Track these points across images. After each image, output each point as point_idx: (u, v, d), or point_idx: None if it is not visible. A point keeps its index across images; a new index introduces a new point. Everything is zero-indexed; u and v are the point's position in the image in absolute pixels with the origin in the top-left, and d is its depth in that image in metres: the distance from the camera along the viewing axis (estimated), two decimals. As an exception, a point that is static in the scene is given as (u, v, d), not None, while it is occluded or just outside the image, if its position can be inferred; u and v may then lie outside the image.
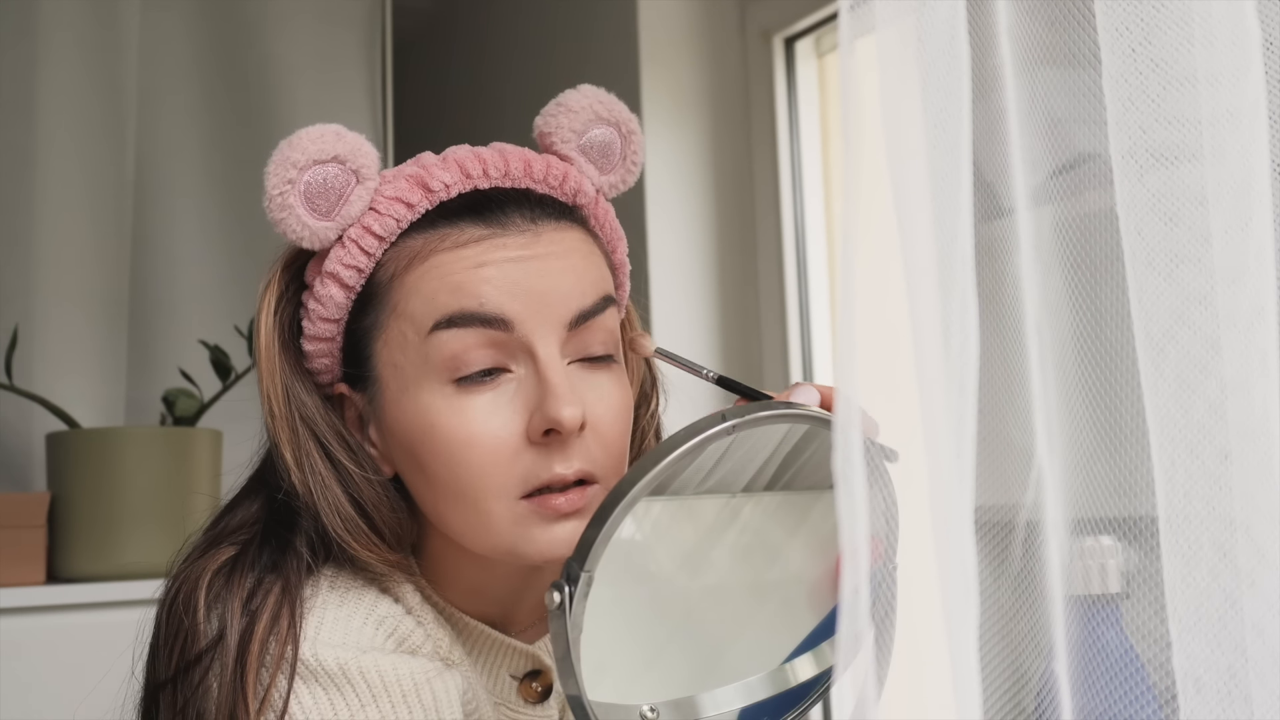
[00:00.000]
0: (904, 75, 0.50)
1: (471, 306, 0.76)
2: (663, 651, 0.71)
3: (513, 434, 0.76)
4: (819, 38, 2.11)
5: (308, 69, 2.32)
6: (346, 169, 0.78)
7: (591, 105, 0.85)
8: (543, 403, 0.75)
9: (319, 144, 0.77)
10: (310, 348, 0.82)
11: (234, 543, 0.83)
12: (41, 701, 1.61)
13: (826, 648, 0.72)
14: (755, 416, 0.66)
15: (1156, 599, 0.51)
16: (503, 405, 0.76)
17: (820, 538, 0.72)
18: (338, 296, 0.80)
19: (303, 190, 0.77)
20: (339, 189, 0.78)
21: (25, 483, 1.97)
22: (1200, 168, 0.51)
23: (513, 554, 0.77)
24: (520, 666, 0.86)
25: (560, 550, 0.75)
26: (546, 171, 0.82)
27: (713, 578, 0.72)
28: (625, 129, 0.87)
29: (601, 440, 0.78)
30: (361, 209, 0.79)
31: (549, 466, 0.76)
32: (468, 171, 0.80)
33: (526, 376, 0.77)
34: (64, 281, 2.04)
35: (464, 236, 0.78)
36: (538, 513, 0.76)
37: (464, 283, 0.76)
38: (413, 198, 0.79)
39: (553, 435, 0.75)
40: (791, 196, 2.10)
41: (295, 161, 0.77)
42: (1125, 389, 0.54)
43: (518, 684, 0.86)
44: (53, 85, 2.06)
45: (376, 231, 0.79)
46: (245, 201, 2.24)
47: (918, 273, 0.48)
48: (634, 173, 0.88)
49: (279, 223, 0.78)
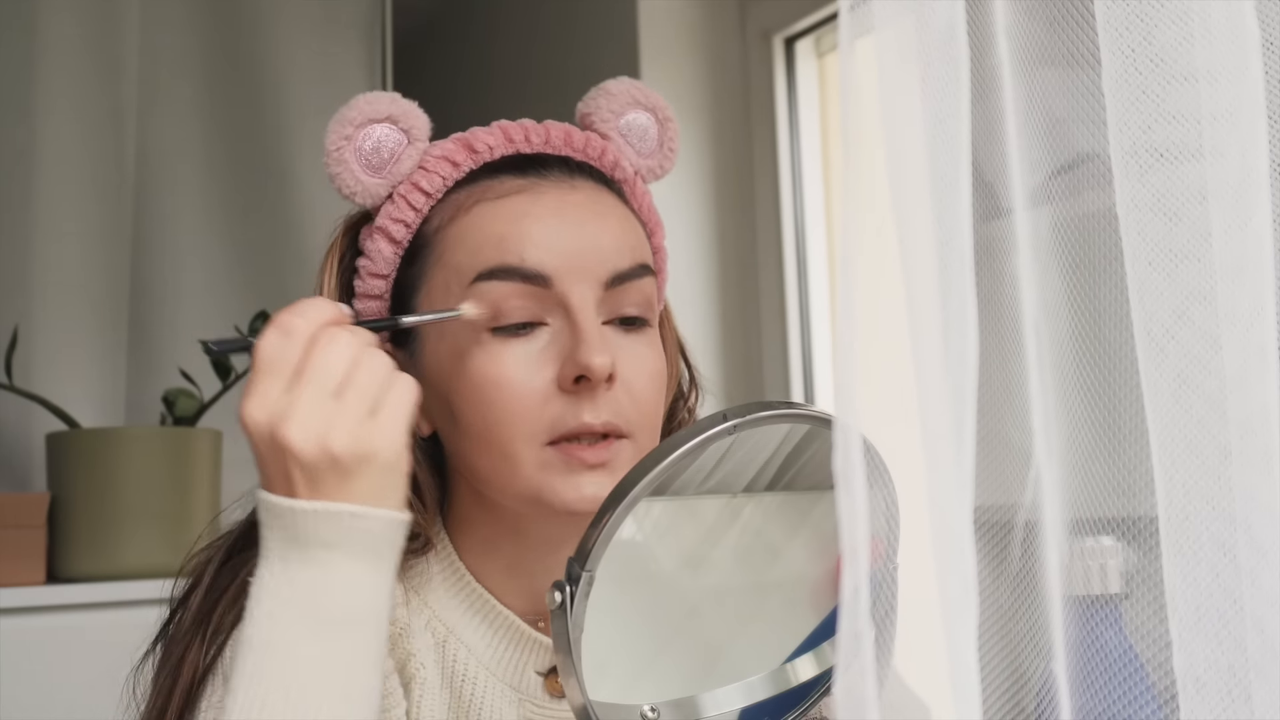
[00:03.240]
0: (904, 75, 0.50)
1: (513, 261, 0.79)
2: (663, 651, 0.71)
3: (543, 380, 0.78)
4: (819, 38, 2.11)
5: (308, 69, 2.32)
6: (398, 129, 0.83)
7: (629, 90, 0.90)
8: (574, 350, 0.77)
9: (375, 105, 0.83)
10: (361, 306, 0.86)
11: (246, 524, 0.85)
12: (41, 701, 1.61)
13: (827, 648, 0.72)
14: (756, 416, 0.66)
15: (1156, 599, 0.51)
16: (535, 354, 0.79)
17: (821, 538, 0.72)
18: (386, 251, 0.84)
19: (358, 147, 0.82)
20: (391, 147, 0.83)
21: (25, 483, 1.97)
22: (1201, 165, 0.51)
23: (537, 501, 0.79)
24: (545, 662, 0.86)
25: (584, 503, 0.77)
26: (586, 143, 0.86)
27: (714, 578, 0.72)
28: (662, 115, 0.91)
29: (632, 396, 0.80)
30: (411, 167, 0.84)
31: (577, 415, 0.77)
32: (510, 136, 0.85)
33: (561, 329, 0.79)
34: (64, 281, 2.04)
35: (504, 187, 0.82)
36: (564, 460, 0.78)
37: (507, 236, 0.80)
38: (458, 157, 0.84)
39: (583, 384, 0.77)
40: (791, 196, 2.10)
41: (352, 119, 0.82)
42: (1124, 388, 0.54)
43: (544, 679, 0.86)
44: (53, 84, 2.06)
45: (424, 188, 0.83)
46: (246, 201, 2.25)
47: (917, 272, 0.48)
48: (671, 159, 0.92)
49: (335, 177, 0.83)
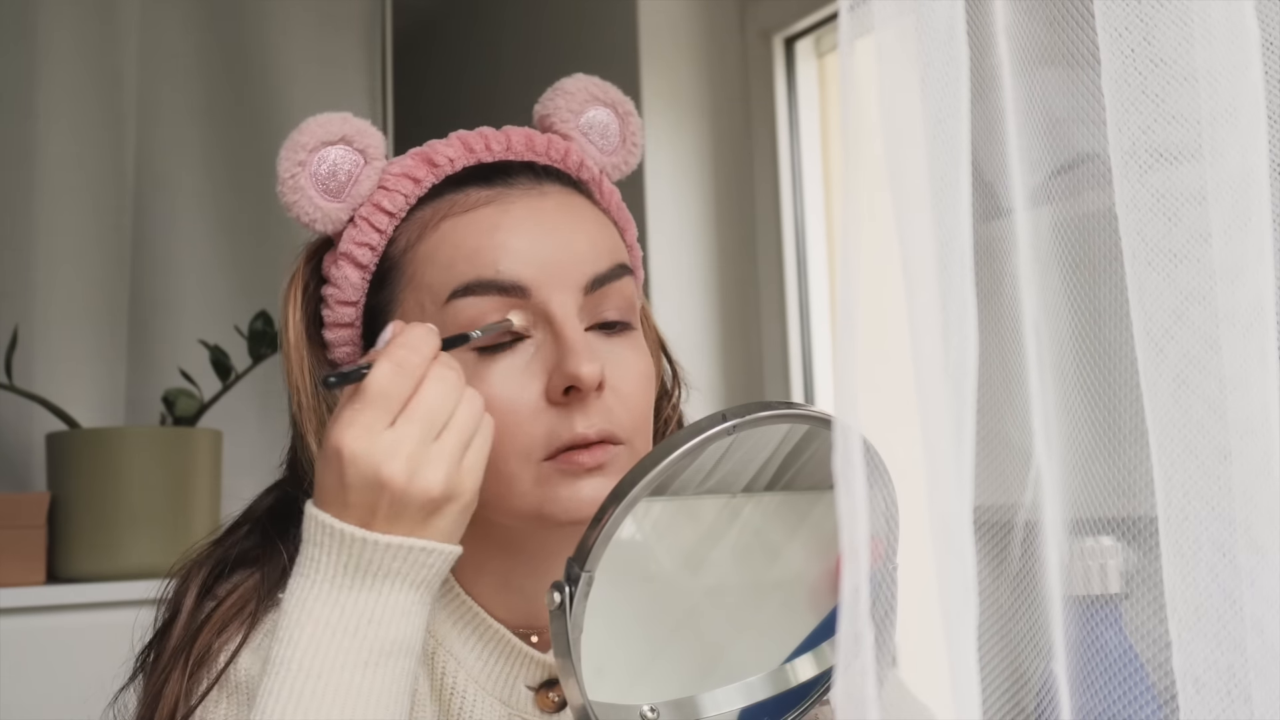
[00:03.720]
0: (903, 75, 0.50)
1: (488, 275, 0.77)
2: (663, 652, 0.71)
3: (532, 395, 0.76)
4: (819, 38, 2.11)
5: (308, 69, 2.32)
6: (354, 149, 0.80)
7: (586, 88, 0.87)
8: (561, 361, 0.75)
9: (326, 127, 0.80)
10: (331, 336, 0.83)
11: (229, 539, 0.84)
12: (41, 701, 1.61)
13: (827, 648, 0.72)
14: (756, 416, 0.66)
15: (1156, 599, 0.51)
16: (520, 369, 0.77)
17: (820, 538, 0.72)
18: (353, 277, 0.81)
19: (313, 172, 0.79)
20: (348, 169, 0.80)
21: (25, 483, 1.97)
22: (1200, 166, 0.51)
23: (539, 516, 0.77)
24: (536, 677, 0.85)
25: (586, 509, 0.75)
26: (548, 146, 0.84)
27: (713, 578, 0.72)
28: (621, 110, 0.89)
29: (623, 401, 0.78)
30: (371, 188, 0.81)
31: (570, 426, 0.76)
32: (471, 146, 0.82)
33: (544, 340, 0.77)
34: (64, 281, 2.04)
35: (471, 200, 0.80)
36: (561, 470, 0.76)
37: (480, 249, 0.78)
38: (419, 173, 0.81)
39: (573, 394, 0.76)
40: (791, 196, 2.10)
41: (304, 144, 0.79)
42: (1124, 388, 0.54)
43: (534, 694, 0.85)
44: (53, 85, 2.06)
45: (386, 208, 0.81)
46: (245, 202, 2.24)
47: (917, 272, 0.48)
48: (635, 154, 0.90)
49: (291, 206, 0.79)
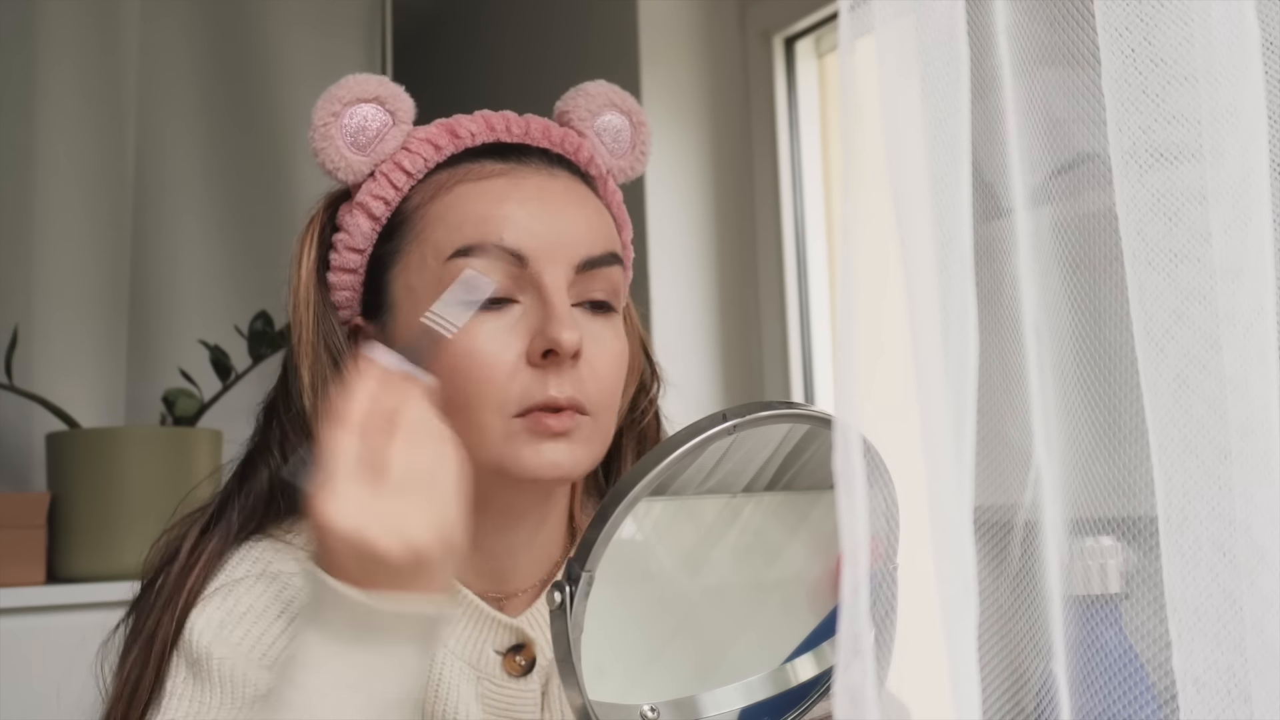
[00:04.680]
0: (904, 75, 0.50)
1: (493, 239, 0.82)
2: (663, 651, 0.71)
3: (514, 354, 0.81)
4: (819, 38, 2.11)
5: (308, 69, 2.32)
6: (385, 110, 0.86)
7: (606, 93, 0.94)
8: (545, 325, 0.80)
9: (364, 85, 0.86)
10: (335, 279, 0.88)
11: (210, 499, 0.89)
12: (42, 701, 1.61)
13: (827, 648, 0.72)
14: (756, 416, 0.66)
15: (1156, 599, 0.51)
16: (506, 328, 0.82)
17: (820, 538, 0.72)
18: (364, 226, 0.87)
19: (344, 125, 0.85)
20: (376, 127, 0.86)
21: (25, 483, 1.97)
22: (1200, 166, 0.51)
23: (501, 469, 0.81)
24: (504, 641, 0.87)
25: (545, 470, 0.81)
26: (564, 138, 0.90)
27: (713, 578, 0.72)
28: (636, 119, 0.95)
29: (595, 375, 0.83)
30: (394, 147, 0.87)
31: (544, 388, 0.80)
32: (492, 125, 0.89)
33: (532, 306, 0.82)
34: (64, 281, 2.04)
35: (486, 170, 0.86)
36: (529, 429, 0.80)
37: (489, 216, 0.83)
38: (441, 141, 0.87)
39: (550, 358, 0.80)
40: (791, 196, 2.10)
41: (340, 98, 0.85)
42: (1124, 388, 0.54)
43: (502, 658, 0.87)
44: (53, 85, 2.06)
45: (406, 167, 0.86)
46: (245, 201, 2.25)
47: (917, 273, 0.48)
48: (642, 161, 0.96)
49: (319, 152, 0.85)
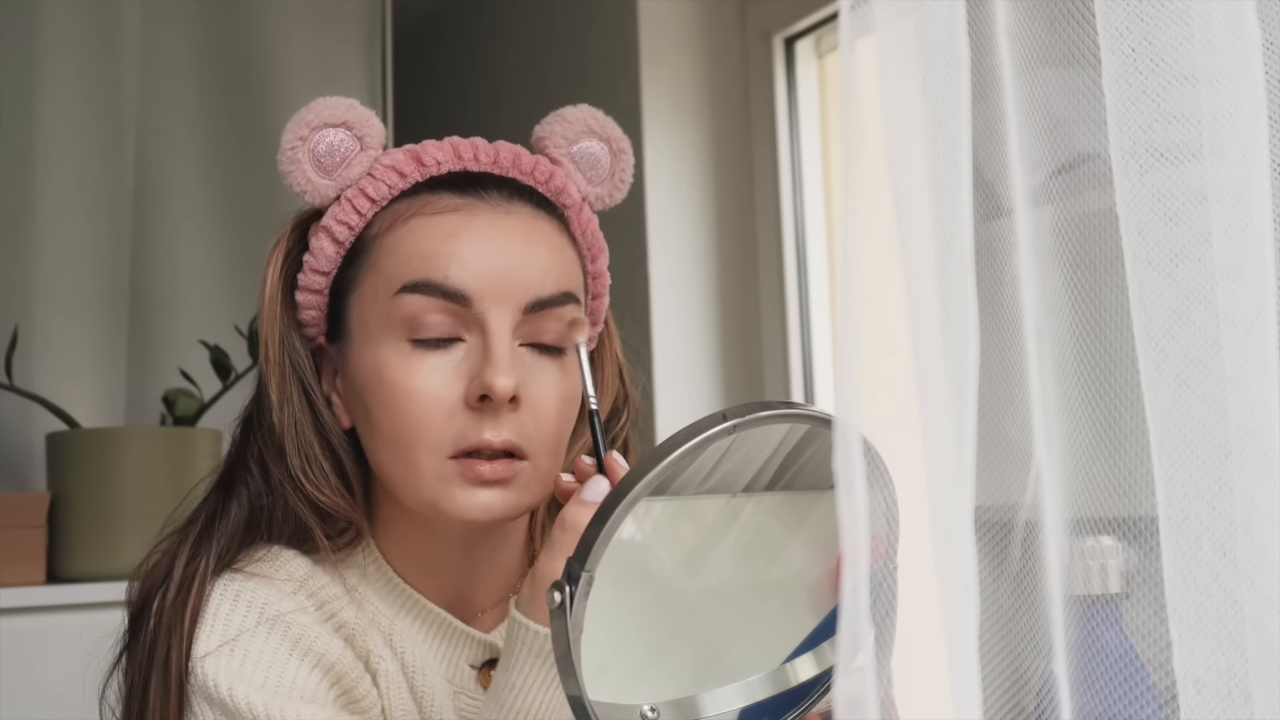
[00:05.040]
0: (904, 75, 0.50)
1: (437, 278, 0.82)
2: (663, 651, 0.71)
3: (452, 395, 0.81)
4: (819, 38, 2.11)
5: (308, 69, 2.32)
6: (352, 135, 0.87)
7: (585, 119, 0.92)
8: (482, 369, 0.81)
9: (332, 109, 0.87)
10: (301, 298, 0.89)
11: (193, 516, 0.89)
12: (41, 701, 1.61)
13: (827, 648, 0.72)
14: (756, 416, 0.66)
15: (1156, 599, 0.51)
16: (448, 369, 0.82)
17: (821, 538, 0.72)
18: (328, 250, 0.87)
19: (311, 149, 0.86)
20: (343, 152, 0.87)
21: (25, 483, 1.97)
22: (1201, 166, 0.51)
23: (434, 509, 0.82)
24: (479, 655, 0.89)
25: (477, 514, 0.81)
26: (534, 166, 0.89)
27: (713, 578, 0.72)
28: (616, 146, 0.94)
29: (536, 418, 0.83)
30: (360, 173, 0.87)
31: (479, 431, 0.80)
32: (460, 153, 0.88)
33: (475, 347, 0.82)
34: (64, 281, 2.04)
35: (441, 204, 0.85)
36: (462, 474, 0.81)
37: (435, 253, 0.83)
38: (406, 169, 0.87)
39: (486, 403, 0.80)
40: (791, 196, 2.10)
41: (309, 122, 0.86)
42: (1124, 388, 0.54)
43: (477, 672, 0.88)
44: (53, 85, 2.06)
45: (369, 194, 0.86)
46: (245, 202, 2.24)
47: (917, 272, 0.48)
48: (621, 189, 0.95)
49: (287, 174, 0.86)
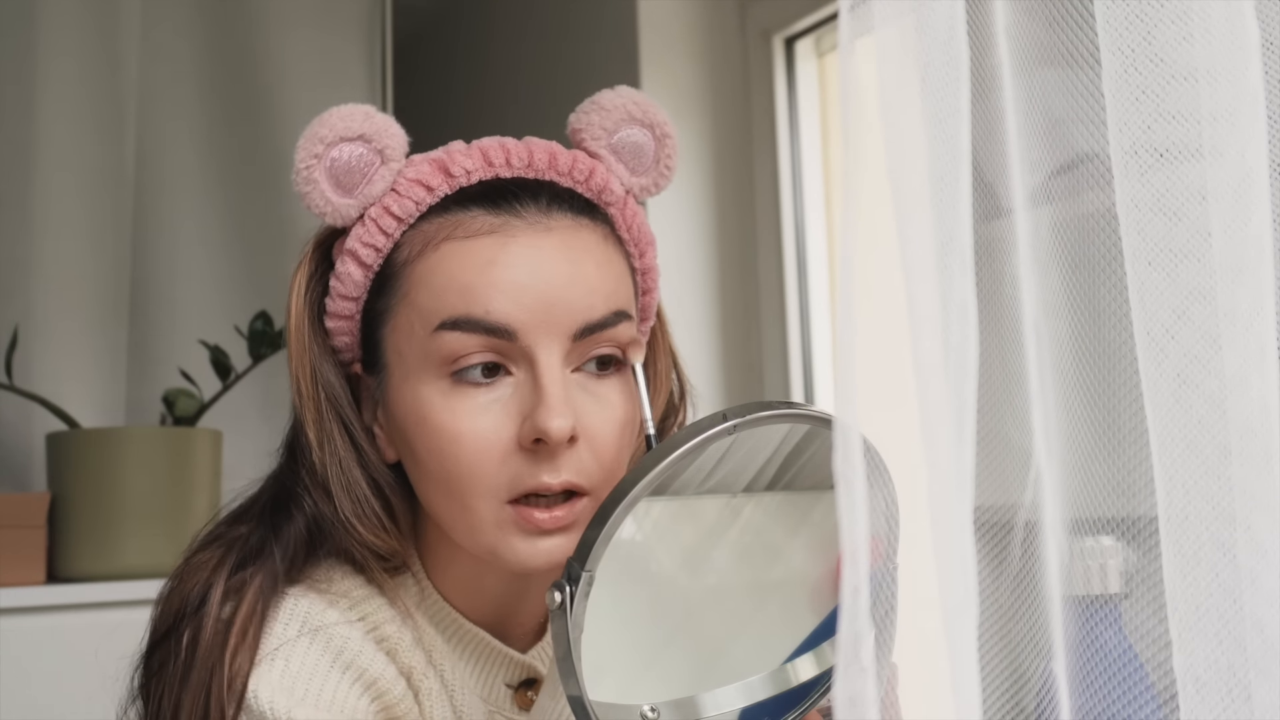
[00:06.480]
0: (904, 75, 0.50)
1: (478, 313, 0.75)
2: (663, 651, 0.71)
3: (503, 437, 0.75)
4: (819, 38, 2.10)
5: (308, 69, 2.32)
6: (372, 148, 0.79)
7: (625, 105, 0.84)
8: (535, 411, 0.74)
9: (347, 122, 0.78)
10: (332, 325, 0.82)
11: (232, 534, 0.84)
12: (41, 701, 1.61)
13: (827, 648, 0.72)
14: (756, 416, 0.66)
15: (1156, 599, 0.51)
16: (496, 407, 0.76)
17: (821, 538, 0.72)
18: (356, 275, 0.80)
19: (328, 166, 0.78)
20: (362, 168, 0.79)
21: (25, 483, 1.97)
22: (1201, 165, 0.51)
23: (494, 556, 0.77)
24: (515, 676, 0.86)
25: (540, 562, 0.76)
26: (572, 165, 0.81)
27: (713, 578, 0.72)
28: (659, 132, 0.85)
29: (595, 452, 0.77)
30: (383, 189, 0.79)
31: (536, 474, 0.75)
32: (490, 159, 0.80)
33: (524, 381, 0.76)
34: (64, 281, 2.04)
35: (475, 225, 0.78)
36: (519, 524, 0.76)
37: (473, 284, 0.76)
38: (433, 181, 0.79)
39: (541, 444, 0.74)
40: (791, 196, 2.10)
41: (323, 137, 0.78)
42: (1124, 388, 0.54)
43: (513, 692, 0.86)
44: (53, 85, 2.06)
45: (395, 212, 0.79)
46: (245, 201, 2.25)
47: (917, 272, 0.48)
48: (667, 177, 0.87)
49: (304, 196, 0.79)
